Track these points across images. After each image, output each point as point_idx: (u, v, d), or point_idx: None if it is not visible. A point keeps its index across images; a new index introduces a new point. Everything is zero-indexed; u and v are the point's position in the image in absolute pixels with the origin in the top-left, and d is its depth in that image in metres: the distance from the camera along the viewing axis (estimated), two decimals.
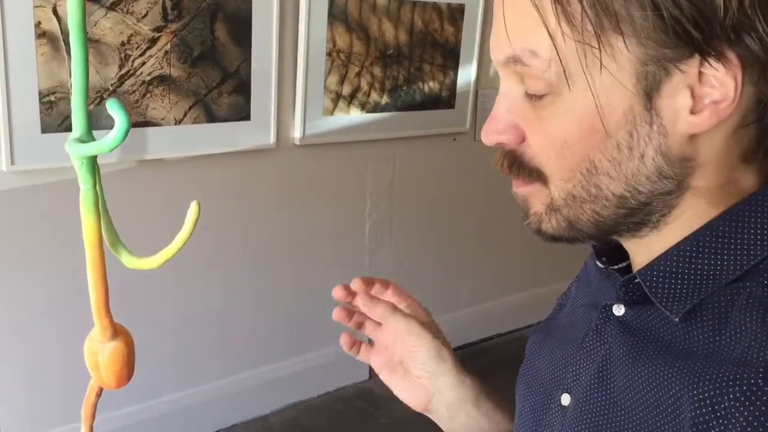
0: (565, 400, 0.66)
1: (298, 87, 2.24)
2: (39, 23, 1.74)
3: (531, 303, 3.14)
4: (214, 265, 2.23)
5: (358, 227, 2.59)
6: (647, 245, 0.59)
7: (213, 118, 2.09)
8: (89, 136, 0.46)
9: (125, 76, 1.91)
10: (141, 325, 0.50)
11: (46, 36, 1.75)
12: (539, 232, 0.61)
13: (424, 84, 2.54)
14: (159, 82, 1.96)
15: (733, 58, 0.50)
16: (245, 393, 2.43)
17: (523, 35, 0.54)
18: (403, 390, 0.83)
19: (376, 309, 0.82)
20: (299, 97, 2.24)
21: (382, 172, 2.58)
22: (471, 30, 2.60)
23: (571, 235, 0.59)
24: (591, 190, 0.56)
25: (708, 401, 0.49)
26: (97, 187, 0.47)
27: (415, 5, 2.42)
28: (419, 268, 2.77)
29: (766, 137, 0.55)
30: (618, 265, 0.67)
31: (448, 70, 2.59)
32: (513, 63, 0.55)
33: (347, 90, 2.35)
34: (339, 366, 2.64)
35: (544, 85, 0.54)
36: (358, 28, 2.31)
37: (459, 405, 0.82)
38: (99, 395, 0.52)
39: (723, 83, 0.51)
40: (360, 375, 2.72)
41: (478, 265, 3.00)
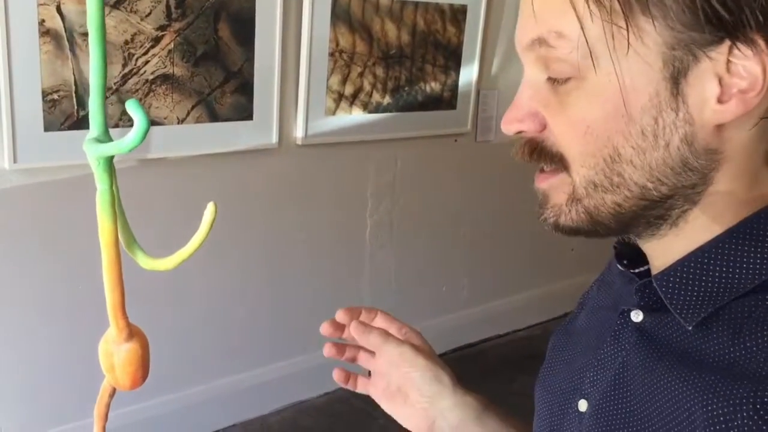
0: (582, 406, 0.66)
1: (300, 87, 2.24)
2: (43, 21, 1.73)
3: (531, 304, 3.14)
4: (213, 265, 2.23)
5: (359, 227, 2.58)
6: (665, 246, 0.59)
7: (215, 117, 2.08)
8: (107, 135, 0.46)
9: (128, 74, 1.90)
10: (138, 325, 0.50)
11: (49, 34, 1.75)
12: (557, 225, 0.60)
13: (425, 85, 2.54)
14: (162, 81, 1.96)
15: (762, 44, 0.50)
16: (244, 393, 2.43)
17: (551, 16, 0.54)
18: (405, 417, 0.83)
19: (369, 337, 0.82)
20: (302, 97, 2.24)
21: (383, 172, 2.58)
22: (473, 31, 2.60)
23: (590, 228, 0.58)
24: (613, 178, 0.55)
25: (721, 418, 0.49)
26: (114, 188, 0.47)
27: (418, 6, 2.42)
28: (419, 268, 2.77)
29: None
30: (639, 269, 0.66)
31: (449, 71, 2.59)
32: (538, 45, 0.55)
33: (349, 90, 2.34)
34: (338, 366, 2.64)
35: (568, 68, 0.54)
36: (360, 28, 2.31)
37: (462, 426, 0.81)
38: (112, 396, 0.52)
39: (751, 72, 0.51)
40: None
41: (478, 266, 3.00)
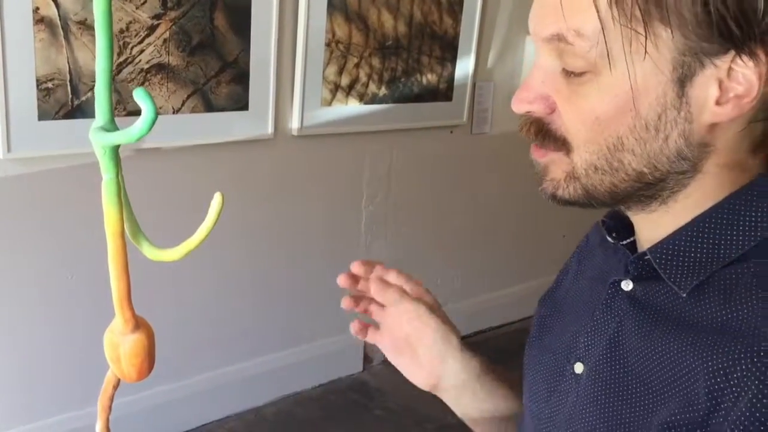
0: (578, 368, 0.70)
1: (296, 77, 2.22)
2: (37, 9, 1.71)
3: (525, 296, 3.14)
4: (209, 255, 2.22)
5: (354, 218, 2.58)
6: (654, 220, 0.64)
7: (211, 107, 2.07)
8: (113, 124, 0.46)
9: (123, 63, 1.89)
10: None
11: (44, 22, 1.73)
12: (554, 197, 0.64)
13: (422, 76, 2.53)
14: (157, 70, 1.94)
15: (763, 56, 0.55)
16: (239, 384, 2.42)
17: (573, 15, 0.57)
18: (412, 372, 0.86)
19: (386, 294, 0.84)
20: (297, 88, 2.23)
21: (378, 163, 2.57)
22: (469, 22, 2.59)
23: (585, 202, 0.64)
24: (613, 163, 0.60)
25: (721, 371, 0.55)
26: (120, 177, 0.47)
27: None
28: (414, 259, 2.77)
29: None
30: (625, 241, 0.71)
31: (446, 62, 2.58)
32: (557, 40, 0.59)
33: (345, 81, 2.33)
34: (333, 358, 2.64)
35: (583, 64, 0.58)
36: (357, 18, 2.30)
37: (464, 385, 0.85)
38: (116, 387, 0.52)
39: (749, 80, 0.56)
40: (354, 367, 2.72)
41: (472, 258, 3.00)
